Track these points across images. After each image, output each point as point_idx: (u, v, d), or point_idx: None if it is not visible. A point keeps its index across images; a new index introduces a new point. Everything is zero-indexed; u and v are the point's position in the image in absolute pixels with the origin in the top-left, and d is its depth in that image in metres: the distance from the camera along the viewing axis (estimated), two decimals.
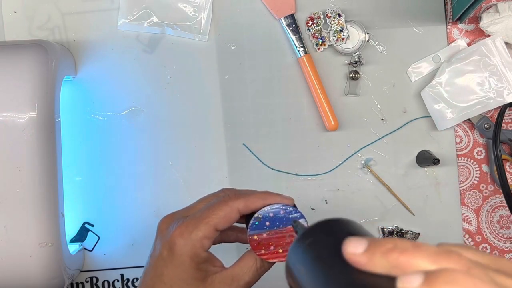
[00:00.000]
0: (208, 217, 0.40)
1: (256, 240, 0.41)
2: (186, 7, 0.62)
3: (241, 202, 0.41)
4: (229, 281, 0.40)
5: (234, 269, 0.41)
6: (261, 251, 0.41)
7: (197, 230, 0.40)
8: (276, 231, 0.41)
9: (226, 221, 0.41)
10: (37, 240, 0.51)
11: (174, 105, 0.63)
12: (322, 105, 0.61)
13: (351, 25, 0.62)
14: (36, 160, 0.50)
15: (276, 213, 0.41)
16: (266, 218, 0.41)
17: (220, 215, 0.40)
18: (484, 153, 0.63)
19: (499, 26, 0.60)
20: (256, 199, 0.41)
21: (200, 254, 0.40)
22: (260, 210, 0.41)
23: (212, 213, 0.40)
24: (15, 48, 0.54)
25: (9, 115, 0.50)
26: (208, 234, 0.40)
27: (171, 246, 0.40)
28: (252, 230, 0.41)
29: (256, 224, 0.41)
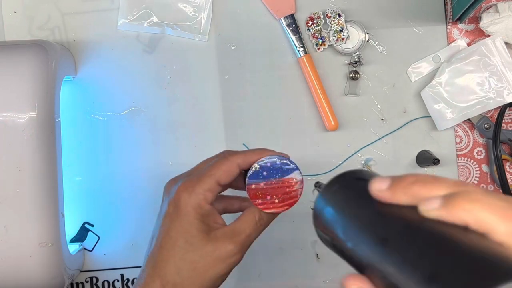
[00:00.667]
0: (210, 171, 0.43)
1: (254, 189, 0.43)
2: (186, 7, 0.62)
3: (240, 157, 0.43)
4: (231, 234, 0.42)
5: (235, 224, 0.43)
6: (258, 200, 0.43)
7: (200, 183, 0.42)
8: (272, 182, 0.43)
9: (227, 175, 0.43)
10: (37, 240, 0.51)
11: (174, 105, 0.63)
12: (322, 105, 0.61)
13: (351, 25, 0.62)
14: (36, 160, 0.50)
15: (272, 163, 0.44)
16: (263, 168, 0.43)
17: (222, 169, 0.43)
18: (484, 153, 0.63)
19: (499, 26, 0.60)
20: (254, 154, 0.44)
21: (203, 206, 0.42)
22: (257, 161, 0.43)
23: (214, 168, 0.43)
24: (15, 48, 0.54)
25: (9, 115, 0.50)
26: (211, 187, 0.42)
27: (176, 202, 0.42)
28: (250, 179, 0.43)
29: (254, 173, 0.43)
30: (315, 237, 0.65)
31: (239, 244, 0.42)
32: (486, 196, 0.24)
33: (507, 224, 0.22)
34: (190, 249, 0.41)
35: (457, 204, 0.24)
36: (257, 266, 0.63)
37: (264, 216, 0.44)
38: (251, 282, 0.63)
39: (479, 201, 0.23)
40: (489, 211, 0.23)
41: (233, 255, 0.42)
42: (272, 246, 0.63)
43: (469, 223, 0.23)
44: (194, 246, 0.41)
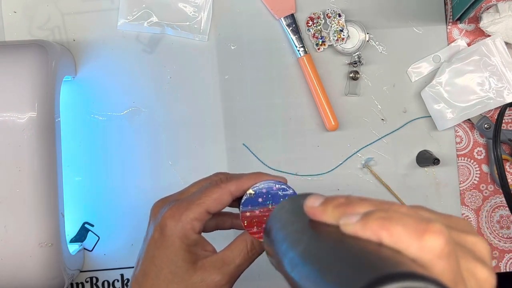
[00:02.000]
0: (200, 199, 0.40)
1: (249, 216, 0.40)
2: (186, 7, 0.62)
3: (233, 184, 0.41)
4: (220, 264, 0.40)
5: (225, 253, 0.41)
6: (253, 229, 0.40)
7: (188, 212, 0.39)
8: (268, 209, 0.40)
9: (218, 203, 0.40)
10: (37, 240, 0.51)
11: (174, 105, 0.63)
12: (322, 105, 0.61)
13: (351, 25, 0.62)
14: (36, 160, 0.50)
15: (269, 188, 0.41)
16: (258, 194, 0.40)
17: (212, 197, 0.40)
18: (484, 153, 0.63)
19: (499, 26, 0.60)
20: (248, 180, 0.41)
21: (190, 236, 0.40)
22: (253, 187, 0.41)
23: (204, 195, 0.40)
24: (15, 48, 0.54)
25: (9, 115, 0.50)
26: (199, 216, 0.39)
27: (162, 228, 0.40)
28: (245, 206, 0.40)
29: (248, 200, 0.40)
30: None
31: (227, 275, 0.40)
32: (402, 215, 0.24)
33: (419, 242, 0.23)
34: (175, 280, 0.39)
35: (371, 221, 0.24)
36: (257, 266, 0.63)
37: (257, 245, 0.41)
38: (251, 282, 0.63)
39: (393, 219, 0.24)
40: (402, 229, 0.23)
41: (220, 286, 0.40)
42: None
43: (383, 240, 0.23)
44: (180, 277, 0.39)
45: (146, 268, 0.40)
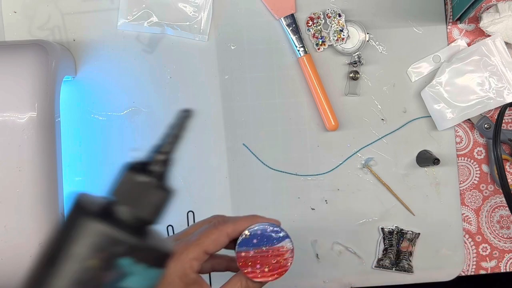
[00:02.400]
0: (199, 239, 0.42)
1: (243, 257, 0.43)
2: (186, 7, 0.62)
3: (230, 226, 0.43)
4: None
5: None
6: (248, 269, 0.43)
7: (187, 252, 0.41)
8: (263, 250, 0.43)
9: (215, 244, 0.42)
10: (37, 240, 0.51)
11: (174, 105, 0.63)
12: (322, 105, 0.61)
13: (351, 25, 0.62)
14: (36, 160, 0.50)
15: (263, 230, 0.43)
16: (253, 235, 0.43)
17: (211, 238, 0.42)
18: (484, 153, 0.63)
19: (499, 26, 0.60)
20: (244, 222, 0.43)
21: (189, 275, 0.41)
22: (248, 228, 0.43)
23: (202, 236, 0.42)
24: (15, 48, 0.54)
25: (9, 115, 0.50)
26: (198, 256, 0.42)
27: None
28: (240, 246, 0.43)
29: (243, 241, 0.43)
30: (315, 237, 0.65)
31: None
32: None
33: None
34: None
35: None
36: None
37: (250, 285, 0.43)
38: None
39: None
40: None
41: None
42: None
43: None
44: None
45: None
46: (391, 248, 0.61)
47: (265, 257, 0.43)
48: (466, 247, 0.63)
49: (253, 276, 0.43)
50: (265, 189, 0.63)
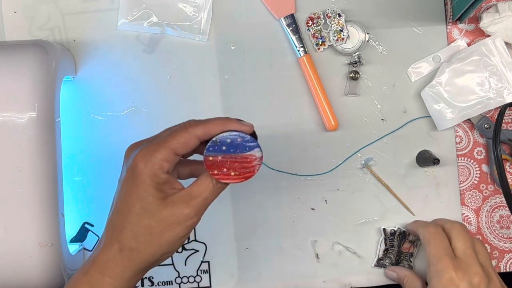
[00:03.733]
0: (168, 141, 0.43)
1: (211, 161, 0.43)
2: (186, 7, 0.62)
3: (200, 129, 0.43)
4: (188, 198, 0.43)
5: (192, 188, 0.44)
6: (214, 171, 0.43)
7: (157, 153, 0.42)
8: (231, 156, 0.44)
9: (185, 146, 0.43)
10: (37, 240, 0.51)
11: (174, 105, 0.63)
12: (322, 105, 0.61)
13: (351, 25, 0.62)
14: (36, 160, 0.50)
15: (233, 140, 0.44)
16: (223, 143, 0.43)
17: (180, 140, 0.43)
18: (484, 153, 0.63)
19: (499, 26, 0.60)
20: (215, 125, 0.44)
21: (159, 175, 0.43)
22: (219, 135, 0.43)
23: (172, 138, 0.43)
24: (15, 48, 0.54)
25: (9, 115, 0.50)
26: (168, 157, 0.43)
27: (133, 168, 0.43)
28: (208, 151, 0.43)
29: (212, 147, 0.43)
30: (315, 237, 0.65)
31: (195, 208, 0.43)
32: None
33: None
34: (145, 215, 0.42)
35: None
36: (257, 266, 0.63)
37: (218, 184, 0.44)
38: (251, 282, 0.63)
39: None
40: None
41: (189, 218, 0.43)
42: (272, 246, 0.63)
43: None
44: (150, 212, 0.42)
45: (119, 207, 0.44)
46: (392, 249, 0.61)
47: (233, 163, 0.44)
48: None
49: (220, 178, 0.44)
50: (265, 189, 0.63)
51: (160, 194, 0.43)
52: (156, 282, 0.63)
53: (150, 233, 0.43)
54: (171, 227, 0.43)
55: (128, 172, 0.44)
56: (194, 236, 0.63)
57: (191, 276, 0.63)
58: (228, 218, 0.63)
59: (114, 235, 0.44)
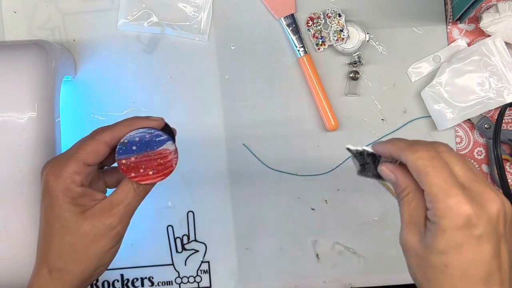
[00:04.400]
0: (77, 153, 0.42)
1: (125, 164, 0.42)
2: (186, 7, 0.62)
3: (107, 134, 0.42)
4: (109, 207, 0.42)
5: (113, 196, 0.43)
6: (131, 174, 0.42)
7: (66, 167, 0.41)
8: (144, 155, 0.42)
9: (94, 155, 0.42)
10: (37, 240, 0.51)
11: (174, 105, 0.63)
12: (322, 105, 0.61)
13: (351, 25, 0.62)
14: (36, 160, 0.50)
15: (141, 137, 0.42)
16: (132, 142, 0.42)
17: (88, 149, 0.42)
18: (484, 153, 0.63)
19: (499, 26, 0.60)
20: (122, 127, 0.43)
21: (72, 189, 0.41)
22: (126, 135, 0.42)
23: (80, 149, 0.42)
24: (15, 48, 0.54)
25: (9, 115, 0.50)
26: (78, 169, 0.41)
27: (46, 187, 0.42)
28: (120, 155, 0.42)
29: (123, 149, 0.42)
30: (315, 237, 0.65)
31: (118, 216, 0.42)
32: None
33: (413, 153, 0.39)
34: (66, 233, 0.41)
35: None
36: (257, 266, 0.63)
37: (141, 187, 0.43)
38: (251, 282, 0.63)
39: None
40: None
41: (113, 228, 0.42)
42: (272, 246, 0.63)
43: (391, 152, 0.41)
44: (70, 229, 0.41)
45: (42, 228, 0.43)
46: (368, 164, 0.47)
47: (148, 161, 0.42)
48: None
49: (139, 180, 0.43)
50: (265, 189, 0.63)
51: (78, 209, 0.41)
52: (156, 282, 0.63)
53: (74, 250, 0.41)
54: (94, 241, 0.41)
55: (42, 192, 0.43)
56: (194, 236, 0.63)
57: (191, 276, 0.63)
58: (228, 218, 0.63)
59: (42, 258, 0.43)
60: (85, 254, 0.41)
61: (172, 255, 0.63)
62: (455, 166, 0.38)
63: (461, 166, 0.38)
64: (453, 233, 0.36)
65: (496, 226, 0.37)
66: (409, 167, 0.39)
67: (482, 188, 0.38)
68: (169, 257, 0.63)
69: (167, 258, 0.63)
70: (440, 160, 0.38)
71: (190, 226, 0.63)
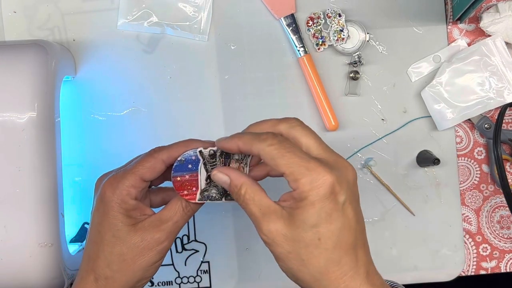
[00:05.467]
0: (135, 168, 0.44)
1: (179, 181, 0.44)
2: (186, 7, 0.62)
3: (165, 153, 0.44)
4: (158, 223, 0.43)
5: (162, 213, 0.44)
6: (184, 191, 0.44)
7: (124, 180, 0.43)
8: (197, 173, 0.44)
9: (151, 171, 0.44)
10: (37, 240, 0.51)
11: (174, 105, 0.63)
12: (322, 105, 0.61)
13: (351, 25, 0.61)
14: (36, 160, 0.50)
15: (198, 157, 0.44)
16: (188, 161, 0.44)
17: (146, 166, 0.44)
18: (485, 153, 0.63)
19: (499, 26, 0.60)
20: (178, 147, 0.44)
21: (127, 202, 0.43)
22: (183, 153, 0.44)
23: (138, 165, 0.44)
24: (15, 48, 0.54)
25: (9, 115, 0.50)
26: (135, 183, 0.43)
27: (102, 198, 0.44)
28: (175, 172, 0.44)
29: (179, 166, 0.44)
30: None
31: (166, 232, 0.43)
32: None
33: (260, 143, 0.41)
34: (117, 242, 0.43)
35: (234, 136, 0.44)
36: (257, 266, 0.63)
37: (190, 204, 0.45)
38: (251, 282, 0.63)
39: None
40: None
41: (160, 242, 0.43)
42: None
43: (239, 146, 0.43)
44: (121, 239, 0.43)
45: (92, 236, 0.44)
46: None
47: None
48: (466, 247, 0.63)
49: (190, 198, 0.44)
50: (265, 189, 0.63)
51: (130, 220, 0.43)
52: (156, 282, 0.63)
53: (123, 260, 0.43)
54: (142, 253, 0.43)
55: (97, 202, 0.44)
56: (194, 236, 0.63)
57: (191, 276, 0.63)
58: (228, 218, 0.63)
59: (89, 266, 0.44)
60: (132, 265, 0.43)
61: (172, 255, 0.63)
62: (306, 139, 0.41)
63: (313, 140, 0.41)
64: (322, 204, 0.37)
65: (354, 190, 0.40)
66: (263, 156, 0.40)
67: (334, 157, 0.41)
68: (169, 257, 0.63)
69: (167, 258, 0.63)
70: (289, 141, 0.40)
71: (190, 226, 0.63)
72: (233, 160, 0.48)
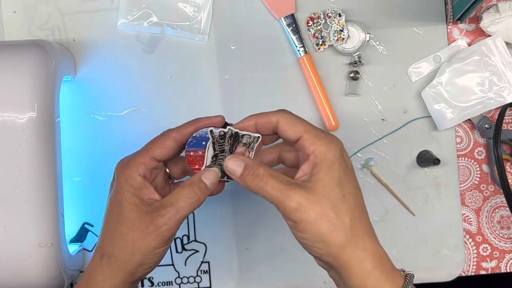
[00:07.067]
0: (146, 146, 0.46)
1: (192, 156, 0.46)
2: (186, 7, 0.62)
3: (175, 131, 0.46)
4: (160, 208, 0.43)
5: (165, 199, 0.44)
6: (195, 165, 0.46)
7: (134, 157, 0.45)
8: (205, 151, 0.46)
9: (162, 148, 0.45)
10: (37, 240, 0.51)
11: (174, 105, 0.63)
12: (322, 105, 0.61)
13: (351, 25, 0.61)
14: (36, 160, 0.50)
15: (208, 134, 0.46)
16: (203, 138, 0.46)
17: (157, 143, 0.45)
18: (485, 153, 0.63)
19: (499, 26, 0.60)
20: (188, 125, 0.46)
21: (134, 178, 0.44)
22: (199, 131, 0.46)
23: (149, 143, 0.46)
24: (15, 48, 0.54)
25: (9, 115, 0.50)
26: (144, 161, 0.44)
27: (114, 176, 0.45)
28: (189, 147, 0.46)
29: (193, 142, 0.46)
30: None
31: (166, 217, 0.42)
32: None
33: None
34: (120, 220, 0.43)
35: None
36: (257, 266, 0.63)
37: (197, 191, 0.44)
38: (251, 282, 0.63)
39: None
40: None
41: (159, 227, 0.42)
42: (272, 246, 0.63)
43: None
44: (123, 217, 0.43)
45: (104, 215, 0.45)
46: (223, 154, 0.48)
47: None
48: (467, 248, 0.63)
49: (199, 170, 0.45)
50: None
51: (135, 200, 0.43)
52: (156, 282, 0.63)
53: (123, 239, 0.42)
54: (141, 236, 0.42)
55: (112, 182, 0.46)
56: (194, 236, 0.63)
57: (191, 277, 0.63)
58: (228, 218, 0.63)
59: (98, 243, 0.45)
60: (132, 246, 0.42)
61: (172, 255, 0.63)
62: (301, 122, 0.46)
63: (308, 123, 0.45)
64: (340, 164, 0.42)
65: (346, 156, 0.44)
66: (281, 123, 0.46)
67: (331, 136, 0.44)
68: (169, 257, 0.63)
69: (167, 258, 0.63)
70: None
71: (190, 226, 0.63)
72: (241, 144, 0.49)
